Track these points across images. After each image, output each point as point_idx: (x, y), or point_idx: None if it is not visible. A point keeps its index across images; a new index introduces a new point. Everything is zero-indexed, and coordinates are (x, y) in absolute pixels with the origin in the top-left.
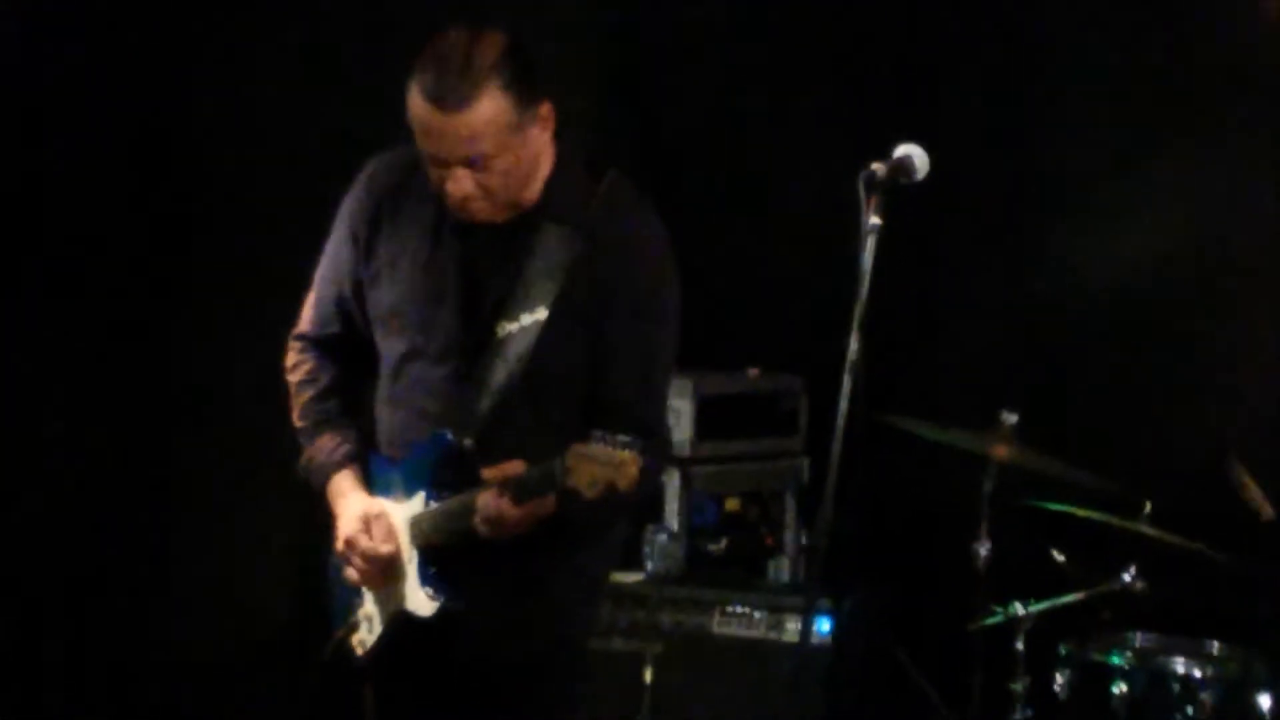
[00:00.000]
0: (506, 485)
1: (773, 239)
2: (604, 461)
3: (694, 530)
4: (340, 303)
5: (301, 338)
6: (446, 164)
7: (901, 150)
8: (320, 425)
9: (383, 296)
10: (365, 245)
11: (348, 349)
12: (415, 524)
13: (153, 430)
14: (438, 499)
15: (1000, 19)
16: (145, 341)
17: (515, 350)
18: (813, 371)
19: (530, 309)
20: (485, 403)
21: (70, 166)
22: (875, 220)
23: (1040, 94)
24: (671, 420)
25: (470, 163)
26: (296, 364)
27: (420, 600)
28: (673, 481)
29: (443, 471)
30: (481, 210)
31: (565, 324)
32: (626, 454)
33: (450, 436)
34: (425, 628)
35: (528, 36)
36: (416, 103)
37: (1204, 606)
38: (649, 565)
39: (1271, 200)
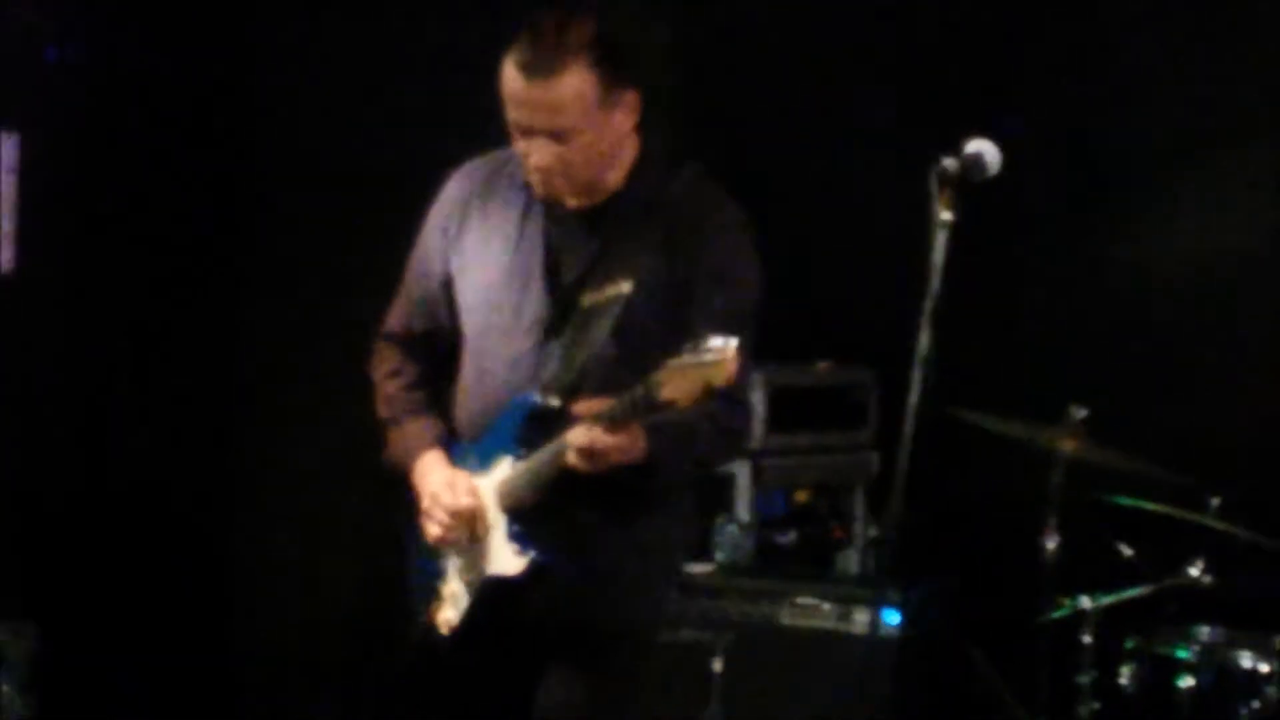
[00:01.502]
0: (600, 413)
1: (844, 232)
2: (697, 365)
3: (764, 522)
4: (428, 297)
5: (388, 336)
6: (530, 134)
7: (973, 146)
8: (408, 413)
9: (471, 283)
10: (455, 237)
11: (432, 348)
12: (502, 487)
13: (225, 418)
14: (525, 458)
15: (1071, 8)
16: (218, 323)
17: (599, 320)
18: (883, 365)
19: (614, 281)
20: (569, 368)
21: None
22: (946, 215)
23: (1113, 87)
24: None
25: (553, 135)
26: (382, 360)
27: (507, 558)
28: (743, 473)
29: (528, 432)
30: (561, 187)
31: (648, 297)
32: (720, 349)
33: (535, 397)
34: (509, 594)
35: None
36: (508, 72)
37: (1271, 600)
38: (719, 556)
39: None
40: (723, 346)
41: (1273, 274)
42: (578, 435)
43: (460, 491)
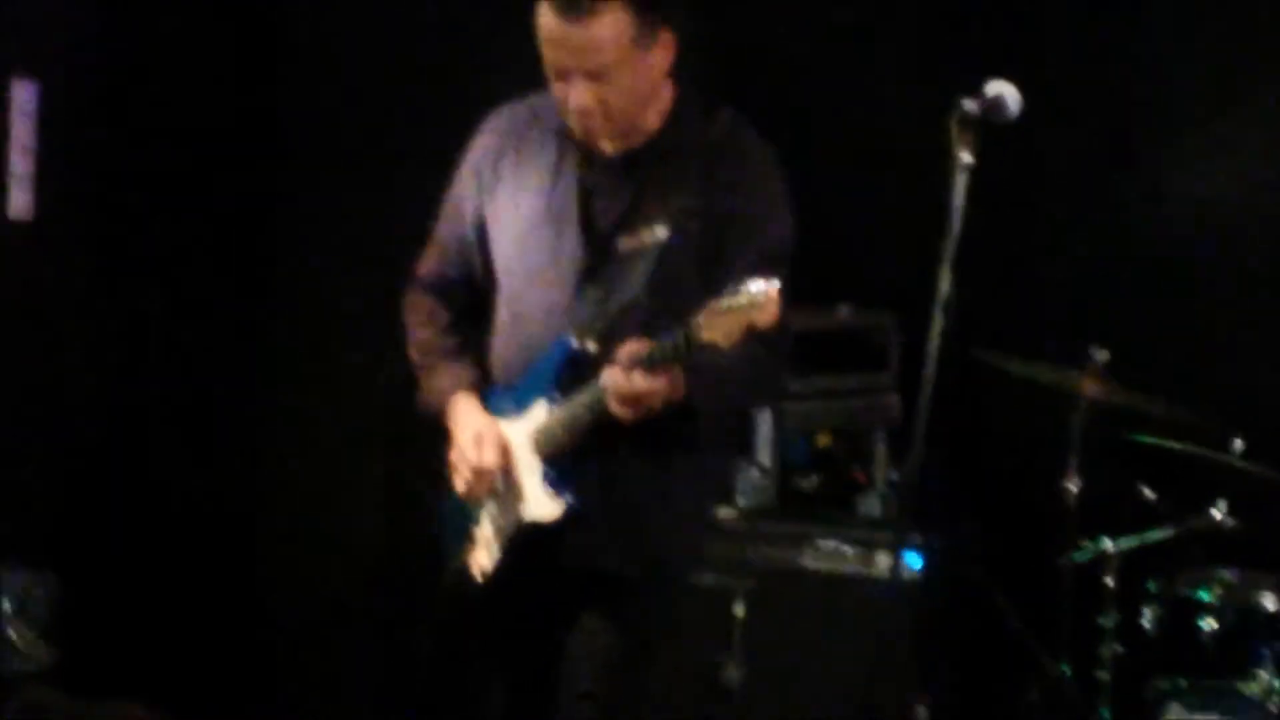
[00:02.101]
0: (639, 357)
1: (865, 175)
2: (739, 307)
3: (785, 466)
4: (461, 243)
5: (420, 283)
6: (569, 75)
7: (994, 88)
8: (441, 357)
9: (505, 228)
10: (488, 182)
11: (464, 294)
12: (537, 433)
13: (251, 369)
14: (560, 403)
15: None
16: (243, 277)
17: (635, 265)
18: (904, 308)
19: (650, 227)
20: (606, 312)
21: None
22: (967, 157)
23: (1132, 32)
24: None
25: (592, 75)
26: (414, 305)
27: (543, 504)
28: (764, 417)
29: (566, 377)
30: (600, 130)
31: (684, 242)
32: (763, 291)
33: (572, 341)
34: (544, 540)
35: None
36: (545, 16)
37: None
38: (740, 500)
39: None
40: (765, 288)
41: None
42: (617, 381)
43: (487, 447)
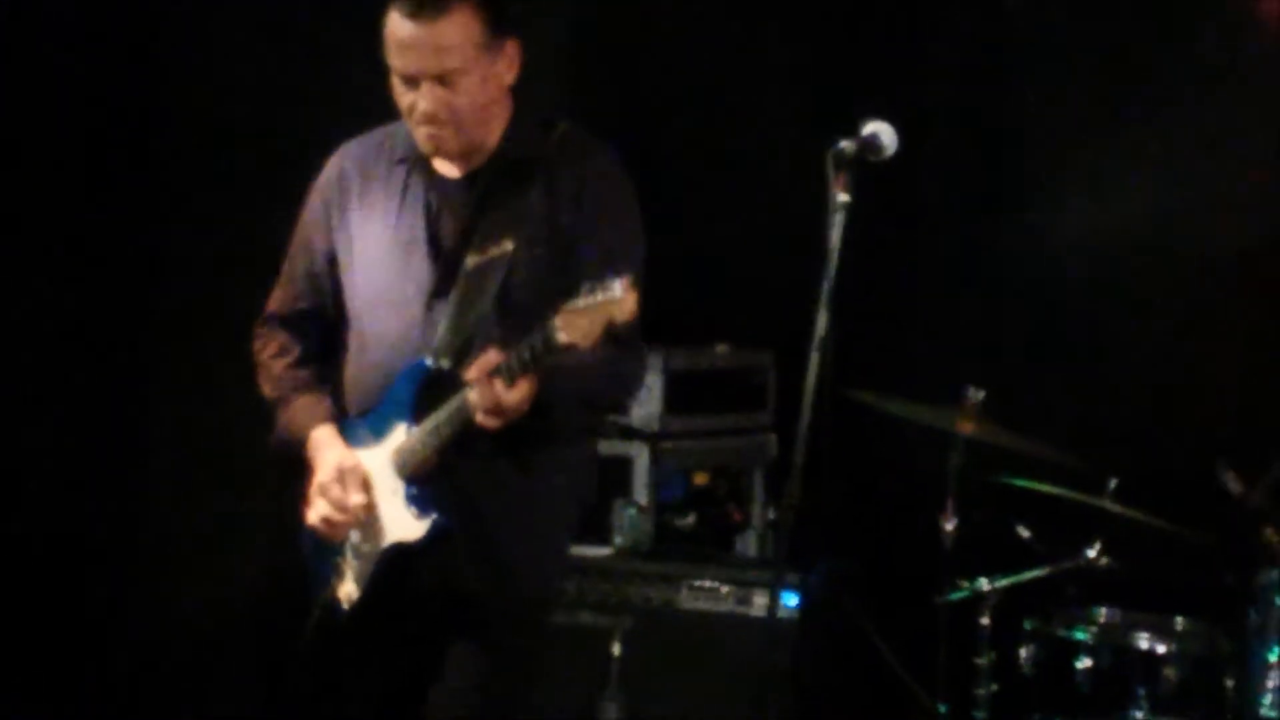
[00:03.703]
0: (496, 370)
1: (741, 214)
2: (595, 305)
3: (662, 505)
4: (311, 274)
5: (270, 318)
6: (416, 81)
7: (870, 127)
8: (296, 390)
9: (355, 258)
10: (338, 212)
11: (316, 327)
12: (398, 454)
13: (126, 406)
14: (421, 422)
15: None
16: (116, 309)
17: (484, 281)
18: (782, 347)
19: (496, 242)
20: (458, 330)
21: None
22: (843, 197)
23: (1010, 69)
24: (641, 395)
25: (440, 79)
26: (266, 342)
27: (408, 524)
28: (641, 456)
29: (423, 397)
30: (449, 141)
31: (532, 252)
32: (618, 287)
33: (427, 361)
34: (408, 561)
35: None
36: (394, 21)
37: (1168, 582)
38: (617, 540)
39: (1244, 175)
40: (620, 284)
41: (1165, 257)
42: (482, 392)
43: (351, 484)
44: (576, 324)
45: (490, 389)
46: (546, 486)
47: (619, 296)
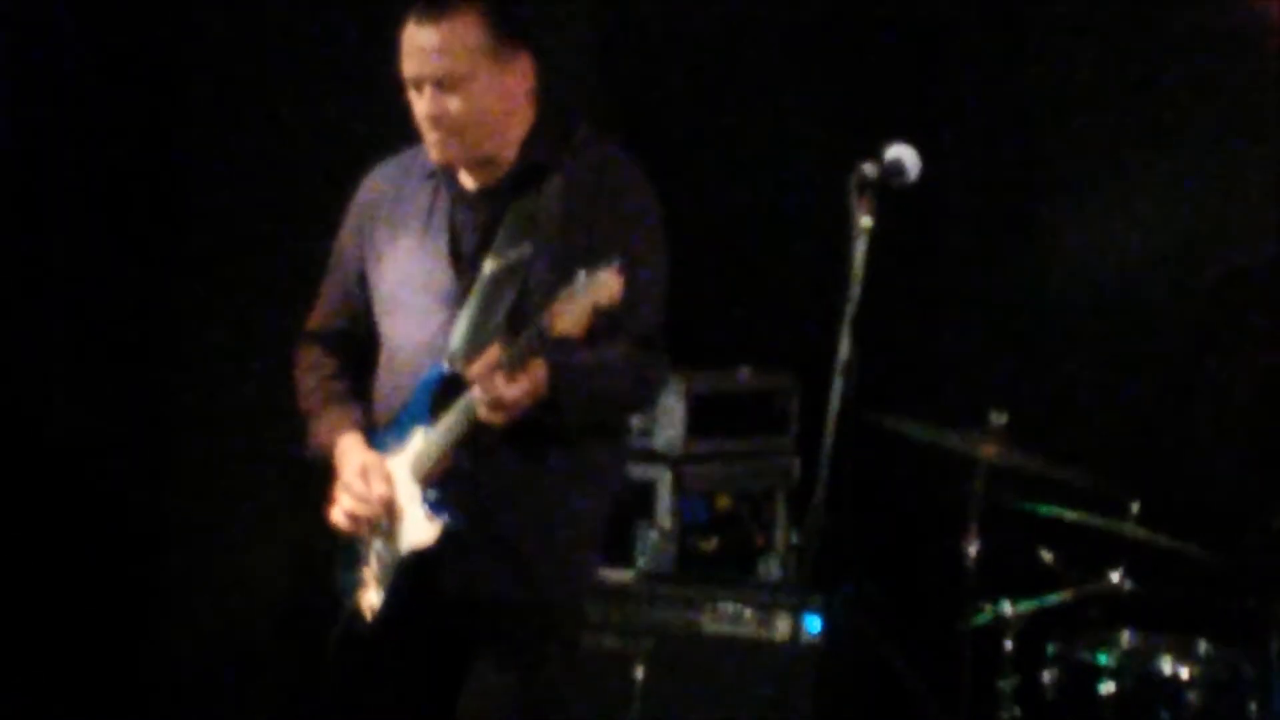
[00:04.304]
0: (498, 361)
1: (765, 238)
2: (580, 291)
3: (685, 528)
4: (346, 294)
5: (308, 335)
6: (420, 85)
7: (893, 151)
8: (328, 402)
9: (385, 275)
10: (369, 231)
11: (352, 345)
12: (415, 458)
13: (153, 420)
14: (436, 425)
15: (991, 16)
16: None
17: (503, 285)
18: (805, 371)
19: (515, 246)
20: (477, 335)
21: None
22: (866, 221)
23: (1032, 94)
24: (663, 418)
25: (440, 83)
26: (303, 357)
27: (422, 527)
28: (664, 479)
29: (439, 400)
30: (453, 147)
31: (552, 257)
32: (602, 271)
33: (444, 366)
34: (427, 569)
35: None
36: (405, 30)
37: (1191, 606)
38: (640, 563)
39: (1265, 200)
40: (604, 268)
41: (1187, 281)
42: (484, 387)
43: (374, 479)
44: (566, 312)
45: (491, 383)
46: (566, 488)
47: (603, 279)
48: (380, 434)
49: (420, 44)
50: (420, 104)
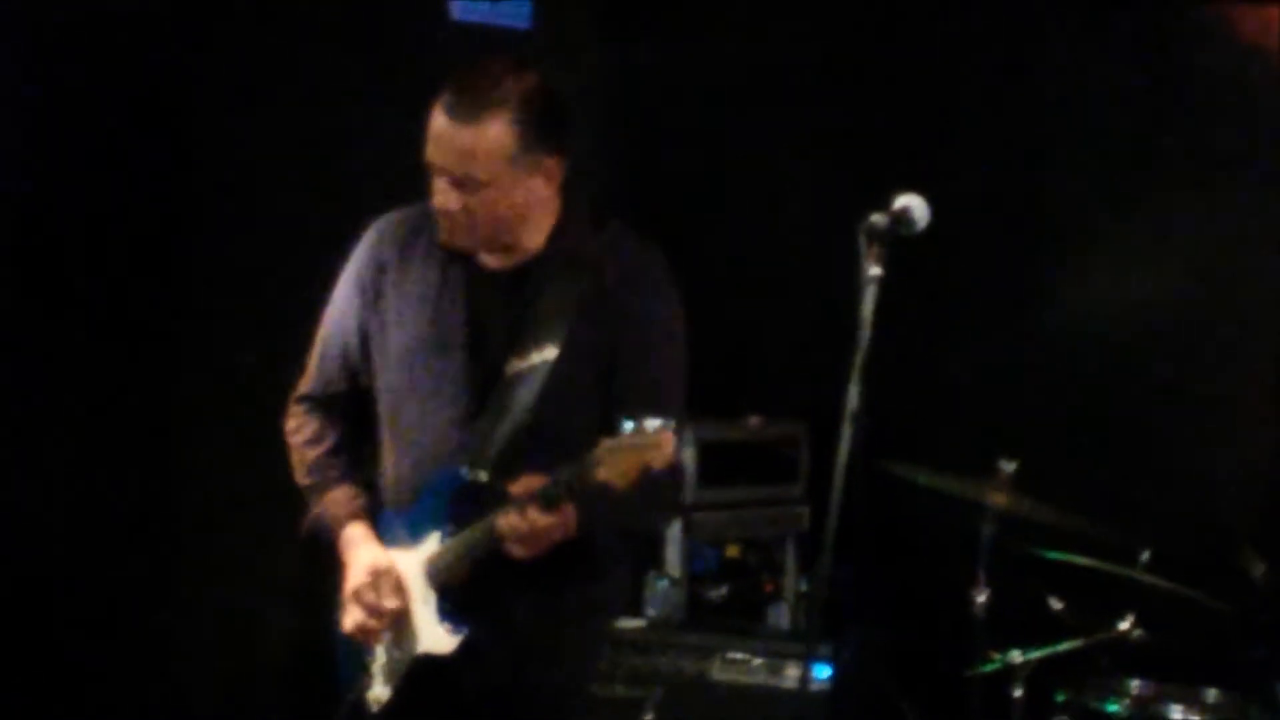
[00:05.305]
0: (534, 495)
1: (774, 286)
2: (636, 446)
3: (694, 576)
4: (346, 356)
5: (304, 399)
6: (439, 173)
7: (902, 201)
8: (331, 481)
9: (390, 343)
10: (373, 293)
11: (351, 409)
12: (431, 564)
13: (157, 480)
14: (454, 535)
15: (999, 67)
16: (150, 386)
17: (526, 388)
18: (814, 419)
19: (539, 347)
20: (497, 439)
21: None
22: (876, 270)
23: (1039, 144)
24: None
25: (458, 181)
26: (300, 425)
27: (440, 637)
28: (674, 528)
29: (458, 508)
30: (463, 237)
31: (576, 360)
32: (659, 431)
33: (465, 472)
34: (441, 670)
35: None
36: (435, 110)
37: (1201, 654)
38: (650, 611)
39: (1273, 247)
40: (660, 428)
41: (1195, 332)
42: (513, 522)
43: (385, 590)
44: (614, 462)
45: (524, 515)
46: (582, 599)
47: (658, 440)
48: (388, 519)
49: (446, 138)
50: (434, 188)
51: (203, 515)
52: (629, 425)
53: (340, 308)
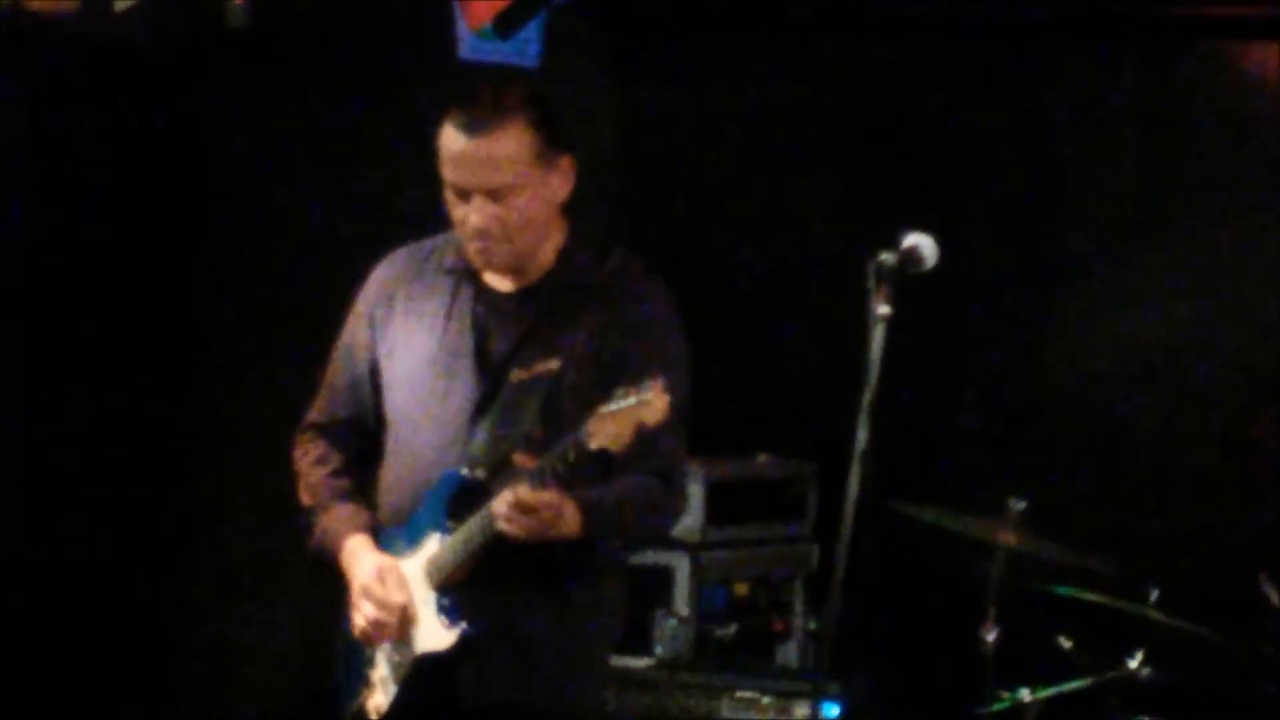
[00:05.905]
0: (529, 472)
1: (783, 325)
2: (626, 408)
3: (703, 615)
4: (354, 385)
5: (310, 427)
6: (469, 195)
7: (910, 239)
8: (333, 499)
9: (398, 368)
10: (381, 323)
11: (355, 437)
12: (430, 564)
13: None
14: (453, 531)
15: (1008, 108)
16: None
17: (528, 396)
18: (823, 457)
19: (543, 359)
20: (497, 443)
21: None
22: (884, 309)
23: (1048, 184)
24: None
25: (492, 193)
26: (306, 450)
27: (437, 633)
28: (682, 566)
29: (456, 507)
30: (500, 255)
31: (578, 373)
32: (650, 388)
33: (462, 472)
34: (440, 674)
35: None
36: (447, 134)
37: (1211, 692)
38: (658, 650)
39: None
40: (651, 386)
41: (1206, 369)
42: (504, 498)
43: (391, 585)
44: (607, 428)
45: (515, 490)
46: (585, 597)
47: (650, 398)
48: (388, 533)
49: (469, 155)
50: (462, 210)
51: (213, 527)
52: (621, 390)
53: (349, 337)
